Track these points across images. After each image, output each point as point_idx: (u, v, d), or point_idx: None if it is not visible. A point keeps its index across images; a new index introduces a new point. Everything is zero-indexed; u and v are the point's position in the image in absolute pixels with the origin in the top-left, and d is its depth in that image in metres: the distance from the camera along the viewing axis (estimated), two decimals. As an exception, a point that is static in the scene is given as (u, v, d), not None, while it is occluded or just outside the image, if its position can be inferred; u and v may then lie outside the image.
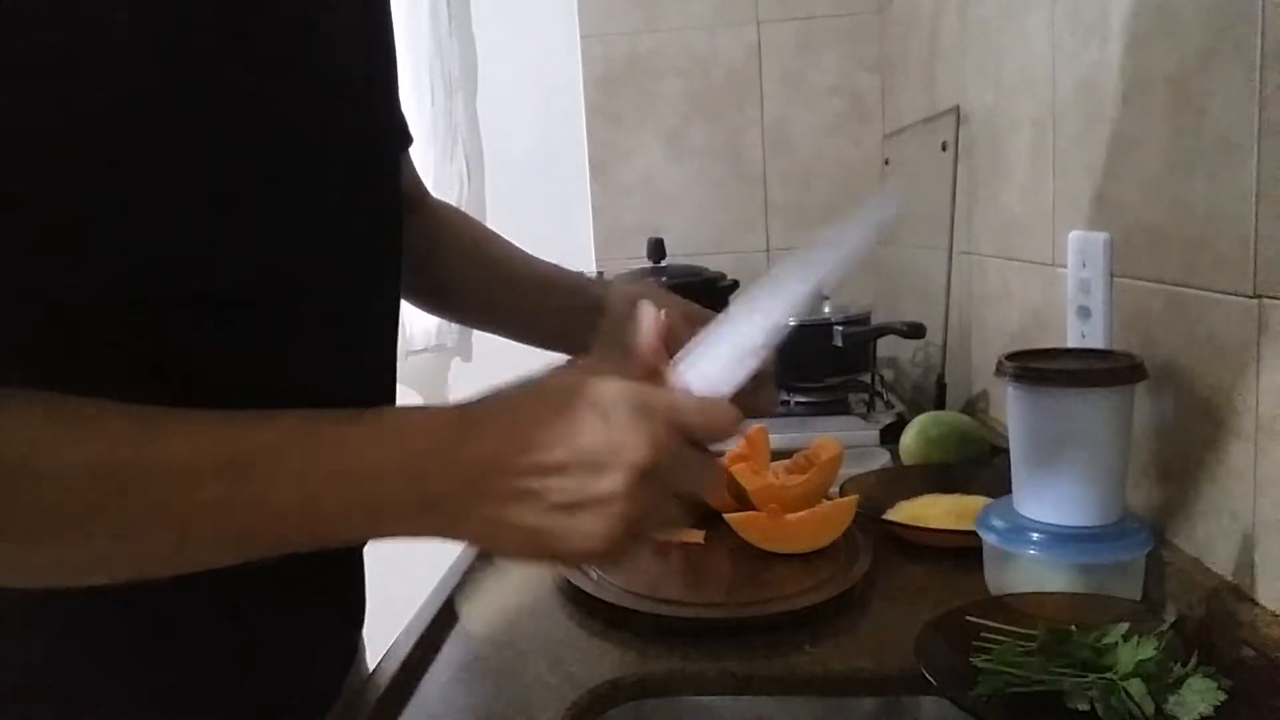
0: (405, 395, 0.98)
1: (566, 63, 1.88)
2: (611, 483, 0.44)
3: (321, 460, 0.45)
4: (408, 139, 0.81)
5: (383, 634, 0.85)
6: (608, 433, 0.45)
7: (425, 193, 0.88)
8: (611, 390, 0.46)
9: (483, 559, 0.93)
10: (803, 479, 0.95)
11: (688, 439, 0.47)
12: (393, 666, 0.72)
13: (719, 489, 0.52)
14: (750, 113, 1.87)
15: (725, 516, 0.90)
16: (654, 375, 0.54)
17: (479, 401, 0.49)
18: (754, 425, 1.05)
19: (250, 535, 0.45)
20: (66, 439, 0.43)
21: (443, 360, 2.04)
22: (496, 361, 0.92)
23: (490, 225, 0.92)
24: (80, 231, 0.47)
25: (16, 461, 0.41)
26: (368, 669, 0.79)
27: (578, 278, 0.89)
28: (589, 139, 1.89)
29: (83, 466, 0.42)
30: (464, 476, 0.45)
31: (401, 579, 0.92)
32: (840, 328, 1.30)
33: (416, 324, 1.93)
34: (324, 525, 0.46)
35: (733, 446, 1.01)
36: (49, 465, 0.42)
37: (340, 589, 0.71)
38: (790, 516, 0.89)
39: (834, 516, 0.88)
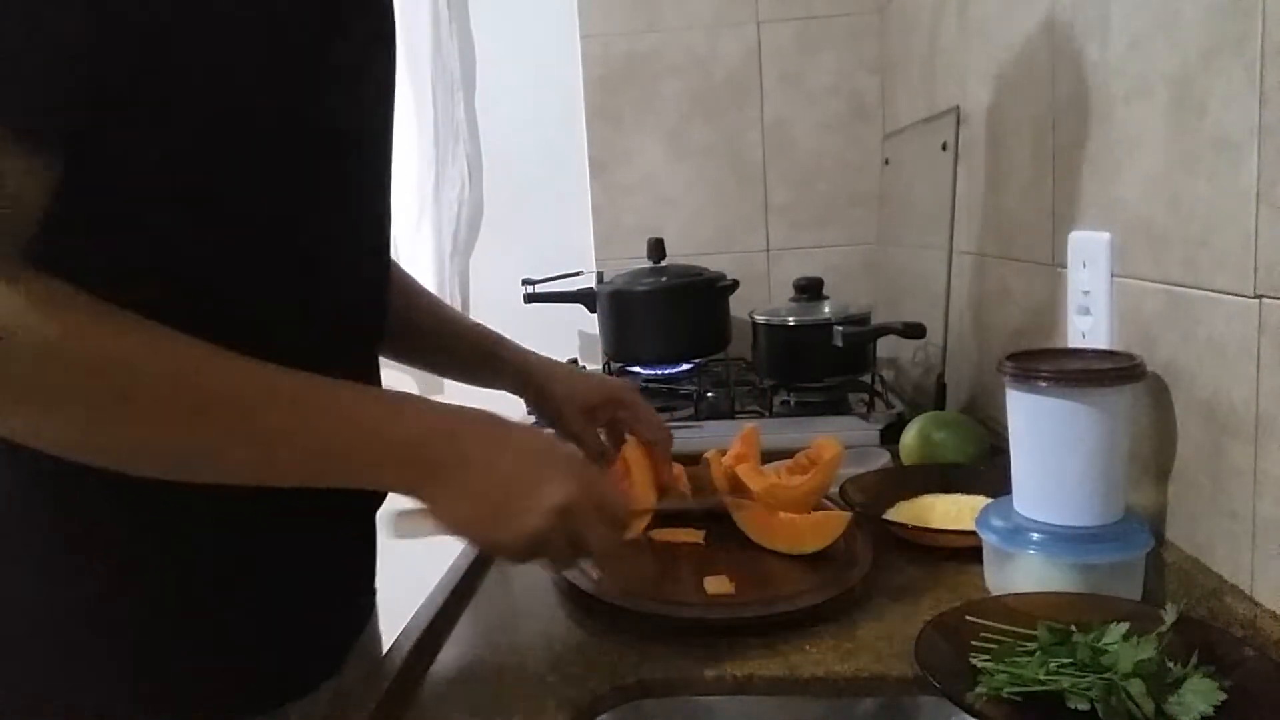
0: (401, 383, 0.98)
1: (566, 63, 1.88)
2: (547, 496, 0.61)
3: (366, 407, 0.60)
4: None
5: (383, 633, 0.85)
6: (557, 467, 0.62)
7: None
8: (571, 450, 0.67)
9: (475, 564, 0.93)
10: (804, 479, 0.95)
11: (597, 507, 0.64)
12: (393, 666, 0.72)
13: (609, 551, 0.66)
14: (750, 113, 1.87)
15: (723, 499, 0.90)
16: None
17: (484, 414, 0.64)
18: (748, 425, 1.06)
19: (296, 455, 0.57)
20: (164, 343, 0.54)
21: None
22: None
23: (490, 225, 0.93)
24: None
25: (122, 355, 0.52)
26: (379, 631, 0.87)
27: (502, 341, 0.97)
28: (589, 139, 1.89)
29: (181, 369, 0.54)
30: (454, 451, 0.60)
31: (401, 579, 0.92)
32: (840, 328, 1.30)
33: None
34: (341, 462, 0.58)
35: (727, 448, 1.02)
36: (157, 364, 0.53)
37: (355, 550, 0.78)
38: (784, 515, 0.89)
39: (826, 525, 0.88)
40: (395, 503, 0.74)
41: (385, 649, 0.77)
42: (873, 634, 0.74)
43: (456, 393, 0.99)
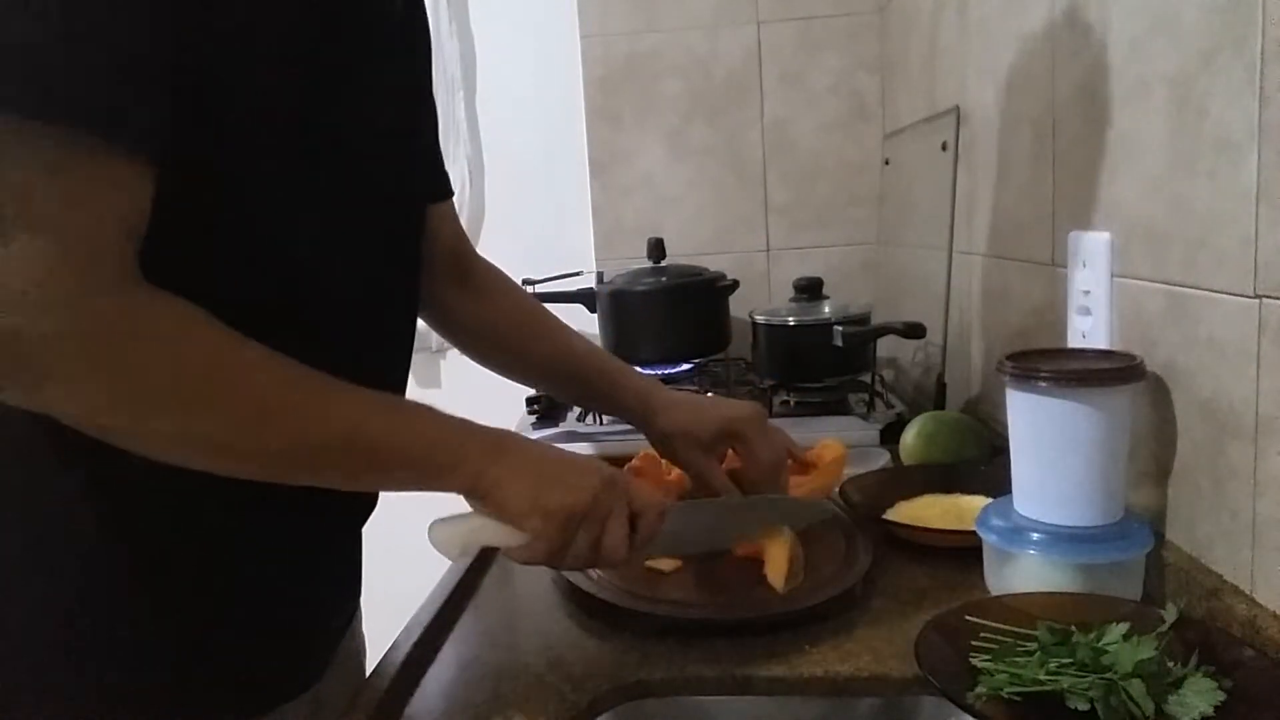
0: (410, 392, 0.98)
1: (566, 63, 1.88)
2: (594, 472, 0.68)
3: (432, 422, 0.66)
4: (442, 190, 0.92)
5: (384, 634, 0.85)
6: (586, 477, 0.67)
7: (477, 262, 0.98)
8: (599, 462, 0.70)
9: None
10: (805, 480, 0.95)
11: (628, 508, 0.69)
12: (393, 666, 0.72)
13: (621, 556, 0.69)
14: (750, 113, 1.87)
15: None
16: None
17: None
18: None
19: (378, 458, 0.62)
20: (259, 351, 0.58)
21: (438, 360, 2.03)
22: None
23: (490, 225, 0.94)
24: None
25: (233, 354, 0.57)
26: (363, 635, 0.88)
27: (615, 369, 0.97)
28: (589, 139, 1.89)
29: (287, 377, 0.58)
30: (514, 441, 0.68)
31: (401, 579, 0.92)
32: (840, 328, 1.30)
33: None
34: (414, 458, 0.64)
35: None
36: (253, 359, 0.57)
37: (345, 556, 0.79)
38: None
39: (769, 551, 0.85)
40: (390, 508, 0.75)
41: (382, 651, 0.77)
42: (873, 634, 0.74)
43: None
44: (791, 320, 1.43)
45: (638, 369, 1.52)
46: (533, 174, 1.93)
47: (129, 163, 0.52)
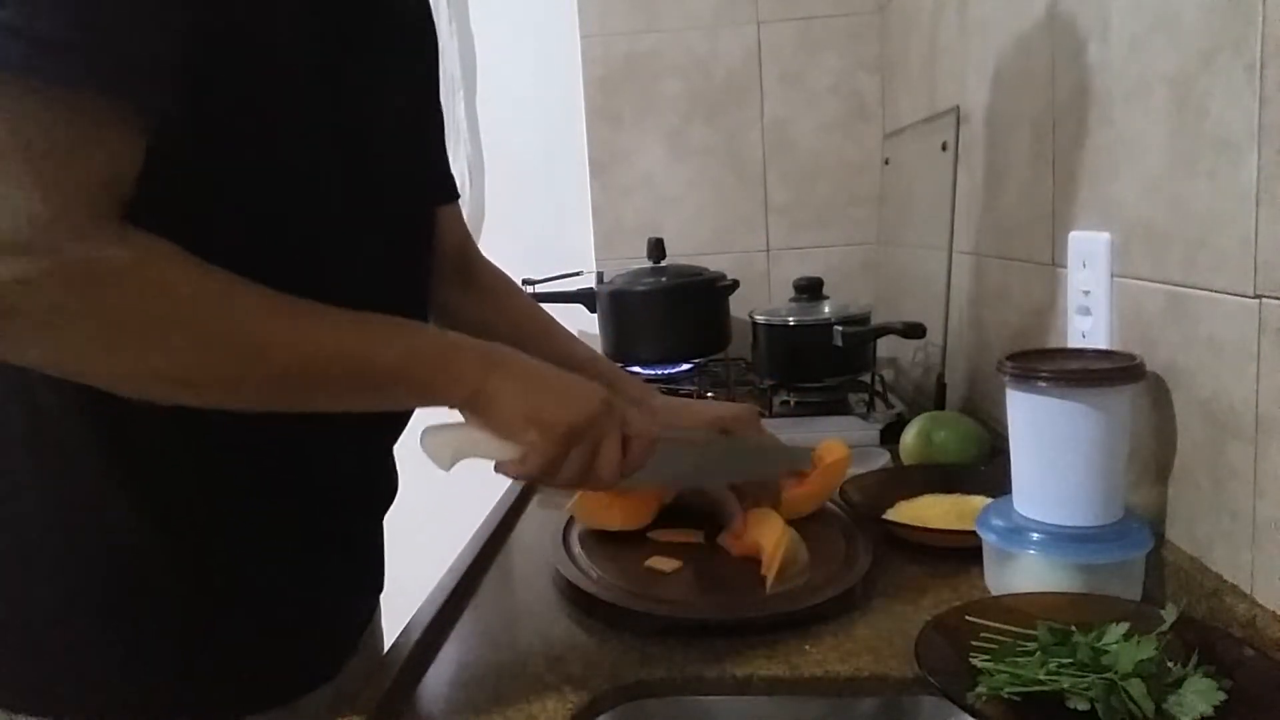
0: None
1: (566, 63, 1.88)
2: (571, 413, 0.67)
3: (426, 338, 0.66)
4: (449, 193, 0.92)
5: (387, 633, 0.85)
6: (586, 394, 0.68)
7: (481, 264, 0.99)
8: (597, 385, 0.70)
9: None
10: (807, 480, 0.95)
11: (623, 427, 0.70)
12: (393, 666, 0.72)
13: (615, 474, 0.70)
14: (750, 113, 1.87)
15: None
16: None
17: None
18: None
19: (366, 371, 0.62)
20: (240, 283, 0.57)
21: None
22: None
23: (490, 225, 0.94)
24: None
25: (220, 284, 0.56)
26: (383, 630, 0.89)
27: (610, 373, 0.97)
28: (589, 139, 1.89)
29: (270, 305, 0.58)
30: (515, 356, 0.68)
31: (402, 578, 0.92)
32: (840, 328, 1.30)
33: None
34: (408, 375, 0.64)
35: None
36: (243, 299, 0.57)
37: (366, 547, 0.80)
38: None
39: (764, 545, 0.84)
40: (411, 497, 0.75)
41: (387, 646, 0.77)
42: (873, 634, 0.74)
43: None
44: (791, 320, 1.43)
45: (637, 369, 1.52)
46: (533, 174, 1.93)
47: (112, 113, 0.52)
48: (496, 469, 0.69)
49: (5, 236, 0.49)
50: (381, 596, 0.87)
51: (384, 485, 0.80)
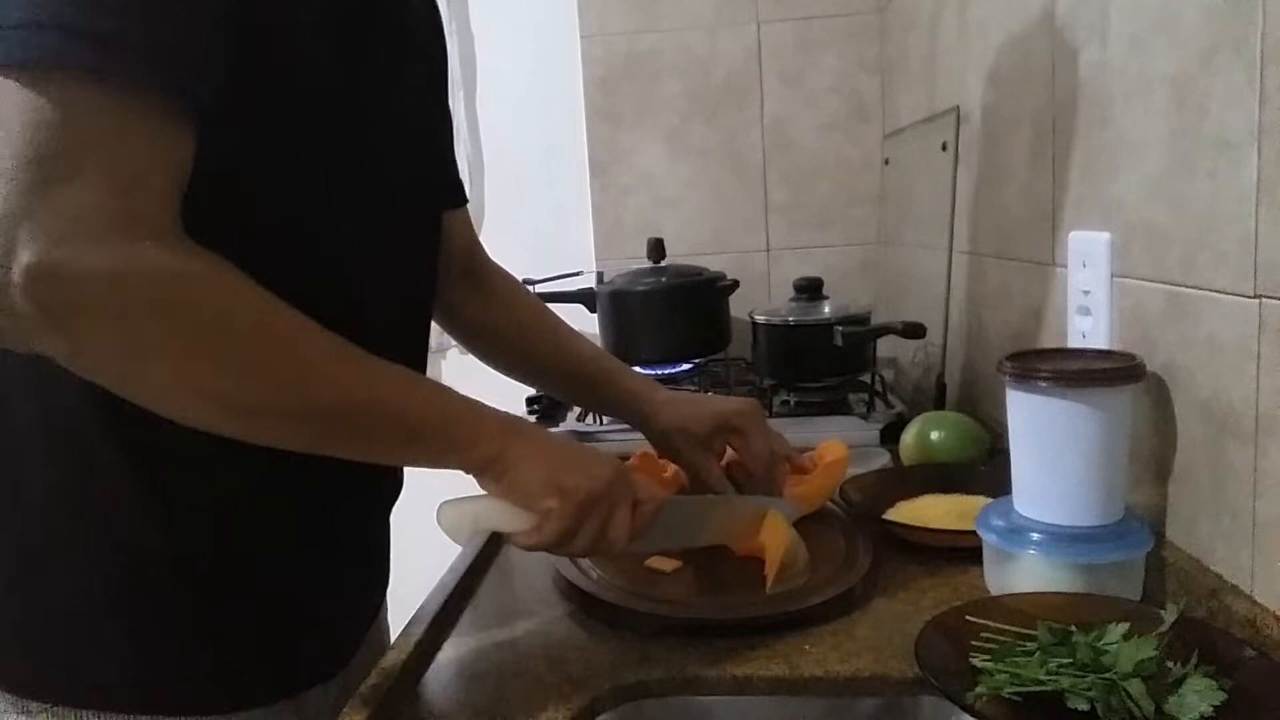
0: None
1: (566, 63, 1.88)
2: (605, 463, 0.69)
3: (453, 397, 0.66)
4: (457, 198, 0.94)
5: (390, 628, 0.85)
6: (602, 463, 0.70)
7: (488, 266, 1.00)
8: (608, 456, 0.72)
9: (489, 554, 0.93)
10: (807, 480, 0.95)
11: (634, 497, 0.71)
12: (394, 666, 0.72)
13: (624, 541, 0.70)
14: (750, 113, 1.87)
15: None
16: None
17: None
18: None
19: (398, 426, 0.62)
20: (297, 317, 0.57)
21: (438, 360, 2.03)
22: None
23: (490, 225, 0.95)
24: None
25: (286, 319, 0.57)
26: (388, 626, 0.90)
27: (614, 370, 0.98)
28: (589, 139, 1.89)
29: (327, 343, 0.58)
30: (530, 426, 0.70)
31: (404, 578, 0.92)
32: (840, 328, 1.30)
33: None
34: (435, 430, 0.64)
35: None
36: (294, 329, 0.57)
37: (373, 543, 0.80)
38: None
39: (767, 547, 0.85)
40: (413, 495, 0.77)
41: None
42: (873, 634, 0.74)
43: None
44: (791, 320, 1.43)
45: (637, 369, 1.52)
46: (533, 174, 1.93)
47: (173, 112, 0.53)
48: (508, 540, 0.69)
49: (94, 230, 0.49)
50: (387, 593, 0.87)
51: (390, 482, 0.80)
